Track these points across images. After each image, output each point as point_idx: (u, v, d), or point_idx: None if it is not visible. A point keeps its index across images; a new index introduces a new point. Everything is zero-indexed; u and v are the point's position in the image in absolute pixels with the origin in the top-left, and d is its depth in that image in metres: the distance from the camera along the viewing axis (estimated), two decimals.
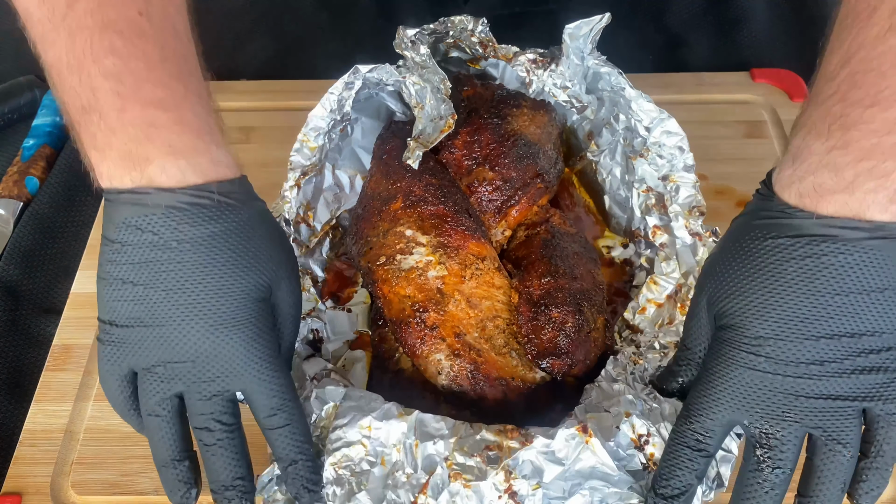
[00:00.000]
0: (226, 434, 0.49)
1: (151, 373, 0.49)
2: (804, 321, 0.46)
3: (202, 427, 0.49)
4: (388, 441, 0.51)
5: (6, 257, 0.74)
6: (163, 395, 0.49)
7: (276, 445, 0.50)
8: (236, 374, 0.49)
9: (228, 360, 0.49)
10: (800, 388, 0.47)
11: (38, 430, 0.62)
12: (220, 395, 0.49)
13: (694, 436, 0.48)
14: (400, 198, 0.62)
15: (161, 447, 0.50)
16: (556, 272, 0.59)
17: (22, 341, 0.69)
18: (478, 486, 0.48)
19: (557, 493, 0.49)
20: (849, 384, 0.46)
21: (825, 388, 0.46)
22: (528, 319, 0.58)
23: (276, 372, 0.50)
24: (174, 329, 0.48)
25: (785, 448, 0.47)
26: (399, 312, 0.59)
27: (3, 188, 0.80)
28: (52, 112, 0.86)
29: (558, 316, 0.57)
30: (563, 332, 0.57)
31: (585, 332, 0.57)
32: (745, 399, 0.48)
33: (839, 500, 0.48)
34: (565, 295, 0.58)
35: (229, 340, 0.49)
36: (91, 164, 0.48)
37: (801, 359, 0.46)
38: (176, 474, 0.50)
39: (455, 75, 0.74)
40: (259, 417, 0.50)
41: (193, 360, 0.48)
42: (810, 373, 0.46)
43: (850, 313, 0.46)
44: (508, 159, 0.64)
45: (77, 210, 0.79)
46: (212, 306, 0.48)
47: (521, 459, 0.49)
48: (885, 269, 0.45)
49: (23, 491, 0.58)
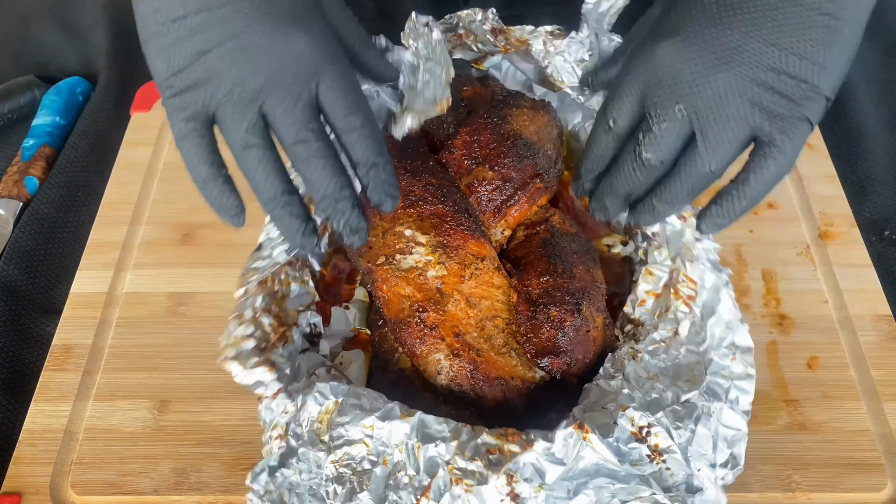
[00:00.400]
0: (321, 141, 0.47)
1: (231, 99, 0.46)
2: (726, 9, 0.46)
3: (296, 141, 0.47)
4: (391, 441, 0.51)
5: (6, 257, 0.74)
6: (251, 117, 0.46)
7: (354, 149, 0.48)
8: (314, 72, 0.47)
9: (304, 59, 0.47)
10: (698, 80, 0.46)
11: (37, 430, 0.62)
12: (304, 102, 0.47)
13: (606, 109, 0.50)
14: (400, 197, 0.62)
15: (267, 180, 0.47)
16: (554, 271, 0.59)
17: (22, 341, 0.69)
18: (479, 491, 0.48)
19: (562, 494, 0.49)
20: (749, 93, 0.46)
21: (720, 89, 0.46)
22: (526, 318, 0.58)
23: (349, 69, 0.49)
24: (243, 40, 0.46)
25: (666, 135, 0.47)
26: (398, 312, 0.59)
27: (2, 188, 0.80)
28: (52, 112, 0.86)
29: (557, 315, 0.57)
30: (562, 331, 0.57)
31: (584, 331, 0.57)
32: (649, 80, 0.48)
33: (681, 202, 0.49)
34: (564, 294, 0.58)
35: (299, 34, 0.47)
36: None
37: (709, 49, 0.46)
38: (291, 210, 0.48)
39: (456, 75, 0.73)
40: (336, 120, 0.48)
41: (271, 67, 0.46)
42: (718, 68, 0.46)
43: (776, 19, 0.45)
44: (508, 159, 0.64)
45: (77, 210, 0.79)
46: (280, 7, 0.47)
47: (523, 463, 0.49)
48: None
49: (22, 491, 0.58)
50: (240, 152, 0.47)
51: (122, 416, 0.62)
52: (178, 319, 0.68)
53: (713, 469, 0.49)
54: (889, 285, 0.71)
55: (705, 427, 0.51)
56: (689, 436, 0.50)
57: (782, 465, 0.58)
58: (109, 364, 0.65)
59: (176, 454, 0.60)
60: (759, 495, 0.57)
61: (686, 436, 0.50)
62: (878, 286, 0.69)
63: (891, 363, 0.64)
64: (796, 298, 0.68)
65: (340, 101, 0.48)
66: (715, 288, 0.57)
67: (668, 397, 0.52)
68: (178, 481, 0.58)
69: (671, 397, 0.52)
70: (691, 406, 0.52)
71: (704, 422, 0.51)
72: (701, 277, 0.57)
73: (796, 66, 0.45)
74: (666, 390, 0.53)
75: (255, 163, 0.47)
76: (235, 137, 0.47)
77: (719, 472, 0.49)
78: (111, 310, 0.69)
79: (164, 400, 0.63)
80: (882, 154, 0.84)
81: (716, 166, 0.47)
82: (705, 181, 0.48)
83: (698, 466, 0.49)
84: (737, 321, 0.55)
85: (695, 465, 0.50)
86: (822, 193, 0.76)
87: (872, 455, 0.59)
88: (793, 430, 0.60)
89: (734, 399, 0.52)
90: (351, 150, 0.49)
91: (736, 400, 0.52)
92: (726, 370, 0.53)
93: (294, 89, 0.46)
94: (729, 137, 0.46)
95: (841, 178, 0.78)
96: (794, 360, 0.64)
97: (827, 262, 0.71)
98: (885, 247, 0.76)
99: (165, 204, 0.76)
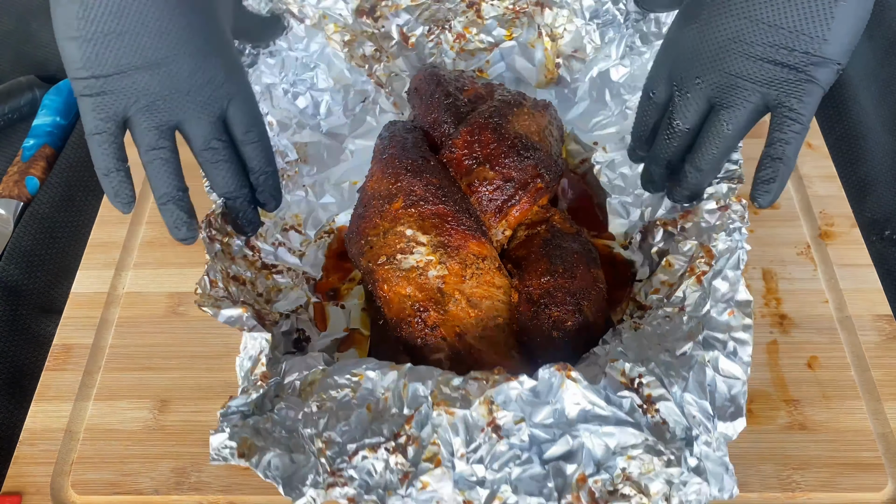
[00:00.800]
0: (227, 149, 0.58)
1: (149, 109, 0.55)
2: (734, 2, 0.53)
3: (206, 148, 0.57)
4: (377, 388, 0.50)
5: (6, 257, 0.74)
6: (165, 127, 0.55)
7: (251, 158, 0.60)
8: (227, 95, 0.58)
9: (221, 85, 0.57)
10: (714, 57, 0.54)
11: (38, 429, 0.62)
12: (216, 117, 0.57)
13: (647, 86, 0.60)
14: (401, 197, 0.62)
15: (165, 180, 0.56)
16: (556, 271, 0.59)
17: (22, 341, 0.69)
18: (460, 415, 0.47)
19: (547, 436, 0.47)
20: (752, 67, 0.53)
21: (732, 64, 0.54)
22: (528, 319, 0.58)
23: (252, 94, 0.60)
24: (170, 65, 0.55)
25: (688, 106, 0.56)
26: (399, 312, 0.59)
27: (3, 188, 0.80)
28: (52, 112, 0.86)
29: (558, 315, 0.57)
30: (563, 332, 0.57)
31: (585, 330, 0.57)
32: (674, 58, 0.57)
33: (715, 165, 0.57)
34: (565, 294, 0.58)
35: (217, 64, 0.57)
36: None
37: (721, 32, 0.54)
38: (181, 206, 0.57)
39: (457, 75, 0.74)
40: (238, 134, 0.59)
41: (189, 85, 0.56)
42: (725, 46, 0.54)
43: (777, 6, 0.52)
44: (509, 159, 0.64)
45: (77, 210, 0.79)
46: (199, 39, 0.56)
47: (505, 392, 0.47)
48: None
49: (23, 491, 0.58)
50: (146, 152, 0.56)
51: (123, 415, 0.62)
52: (178, 319, 0.68)
53: (711, 420, 0.47)
54: (889, 285, 0.71)
55: (700, 376, 0.49)
56: (682, 384, 0.48)
57: (782, 465, 0.58)
58: (110, 364, 0.65)
59: (176, 454, 0.60)
60: (759, 495, 0.57)
61: (680, 384, 0.48)
62: (879, 286, 0.69)
63: (891, 363, 0.64)
64: (796, 298, 0.68)
65: (244, 119, 0.59)
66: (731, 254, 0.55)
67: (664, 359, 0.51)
68: (179, 481, 0.58)
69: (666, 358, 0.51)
70: (685, 357, 0.50)
71: (699, 371, 0.49)
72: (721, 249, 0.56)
73: (796, 42, 0.52)
74: (661, 350, 0.51)
75: (160, 164, 0.56)
76: (146, 140, 0.55)
77: (720, 425, 0.47)
78: (111, 310, 0.69)
79: (164, 400, 0.63)
80: (882, 154, 0.84)
81: (732, 127, 0.55)
82: (726, 143, 0.55)
83: (694, 414, 0.48)
84: (738, 279, 0.54)
85: (690, 414, 0.48)
86: (823, 193, 0.76)
87: (872, 455, 0.59)
88: (793, 429, 0.60)
89: (732, 350, 0.50)
90: (248, 158, 0.60)
91: (734, 351, 0.50)
92: (724, 324, 0.52)
93: (209, 108, 0.57)
94: (741, 103, 0.54)
95: (841, 178, 0.78)
96: (794, 360, 0.64)
97: (827, 261, 0.71)
98: (885, 247, 0.76)
99: None
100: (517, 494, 0.46)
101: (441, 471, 0.46)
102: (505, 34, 0.80)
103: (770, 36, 0.52)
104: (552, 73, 0.81)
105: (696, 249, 0.59)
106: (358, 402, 0.50)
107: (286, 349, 0.59)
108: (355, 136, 0.78)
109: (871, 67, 0.92)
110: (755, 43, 0.53)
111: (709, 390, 0.48)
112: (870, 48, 0.93)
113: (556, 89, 0.82)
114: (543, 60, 0.81)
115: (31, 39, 0.97)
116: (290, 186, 0.72)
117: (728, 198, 0.59)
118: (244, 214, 0.61)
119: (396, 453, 0.47)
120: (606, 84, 0.79)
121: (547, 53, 0.80)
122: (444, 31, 0.80)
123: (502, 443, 0.46)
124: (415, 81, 0.73)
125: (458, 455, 0.47)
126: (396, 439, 0.47)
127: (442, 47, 0.80)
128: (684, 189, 0.59)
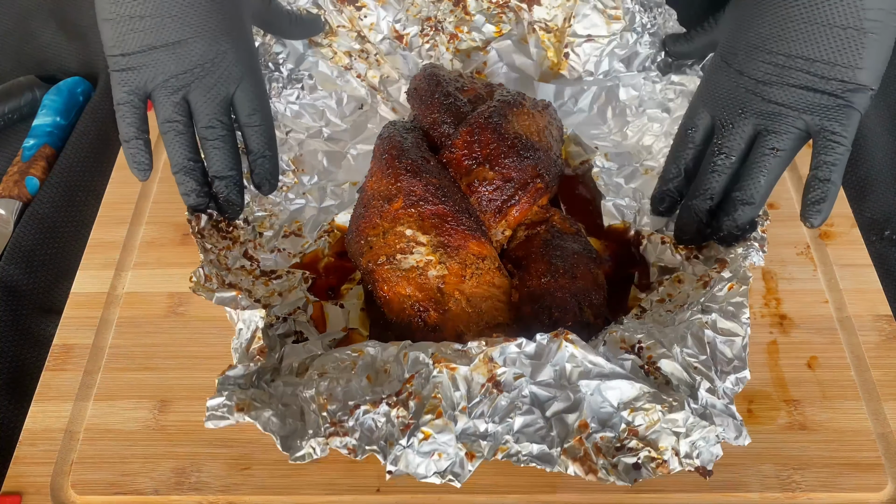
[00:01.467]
0: (226, 131, 0.62)
1: (166, 85, 0.61)
2: (769, 39, 0.57)
3: (207, 126, 0.62)
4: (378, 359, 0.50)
5: (6, 257, 0.74)
6: (178, 100, 0.61)
7: (250, 140, 0.64)
8: (233, 77, 0.62)
9: (229, 67, 0.62)
10: (755, 90, 0.58)
11: (38, 429, 0.62)
12: (221, 98, 0.62)
13: (684, 125, 0.63)
14: (400, 198, 0.62)
15: (180, 150, 0.62)
16: (556, 272, 0.59)
17: (22, 341, 0.69)
18: (461, 371, 0.47)
19: (548, 394, 0.47)
20: (794, 95, 0.57)
21: (774, 94, 0.57)
22: (528, 318, 0.58)
23: (261, 79, 0.64)
24: (185, 45, 0.61)
25: (733, 137, 0.59)
26: (399, 312, 0.59)
27: (3, 188, 0.80)
28: (52, 112, 0.86)
29: (559, 315, 0.57)
30: None
31: (585, 331, 0.57)
32: (714, 96, 0.61)
33: (764, 192, 0.59)
34: (565, 294, 0.58)
35: (228, 49, 0.62)
36: None
37: (761, 69, 0.58)
38: (194, 176, 0.62)
39: (456, 75, 0.74)
40: (242, 117, 0.63)
41: (201, 66, 0.61)
42: (766, 79, 0.58)
43: (810, 40, 0.56)
44: (509, 159, 0.64)
45: (77, 210, 0.79)
46: (215, 23, 0.61)
47: (505, 351, 0.48)
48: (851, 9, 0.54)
49: (23, 491, 0.58)
50: (163, 125, 0.62)
51: (123, 415, 0.62)
52: (178, 319, 0.68)
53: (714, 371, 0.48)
54: (889, 285, 0.71)
55: (700, 334, 0.49)
56: (683, 343, 0.49)
57: (782, 465, 0.58)
58: (110, 364, 0.65)
59: (176, 454, 0.60)
60: (759, 495, 0.57)
61: (680, 344, 0.49)
62: (879, 286, 0.69)
63: (891, 363, 0.64)
64: (796, 298, 0.68)
65: (248, 103, 0.63)
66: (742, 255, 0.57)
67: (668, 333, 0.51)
68: (179, 481, 0.58)
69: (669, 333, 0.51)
70: (684, 324, 0.51)
71: (698, 331, 0.50)
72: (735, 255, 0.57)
73: (832, 72, 0.56)
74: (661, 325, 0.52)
75: (173, 135, 0.62)
76: (163, 112, 0.62)
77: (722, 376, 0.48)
78: (111, 310, 0.69)
79: (164, 400, 0.63)
80: (882, 154, 0.84)
81: (780, 153, 0.57)
82: (774, 171, 0.58)
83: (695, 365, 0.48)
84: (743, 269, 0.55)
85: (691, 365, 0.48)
86: None
87: (872, 455, 0.59)
88: (793, 429, 0.60)
89: (731, 312, 0.51)
90: (248, 141, 0.65)
91: (733, 313, 0.51)
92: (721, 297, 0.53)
93: (216, 89, 0.62)
94: (787, 129, 0.57)
95: None
96: (794, 360, 0.64)
97: (827, 262, 0.71)
98: (885, 247, 0.76)
99: (165, 204, 0.76)
100: (519, 444, 0.46)
101: (442, 421, 0.47)
102: (494, 30, 0.80)
103: (808, 67, 0.56)
104: (556, 64, 0.81)
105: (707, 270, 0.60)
106: (358, 371, 0.50)
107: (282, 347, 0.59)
108: (356, 141, 0.79)
109: None
110: (794, 75, 0.57)
111: (709, 348, 0.49)
112: None
113: (557, 90, 0.82)
114: (542, 54, 0.81)
115: (31, 39, 0.97)
116: (291, 196, 0.72)
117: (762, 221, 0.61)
118: (227, 195, 0.64)
119: (398, 407, 0.47)
120: (612, 100, 0.79)
121: (545, 45, 0.80)
122: (438, 32, 0.80)
123: (503, 396, 0.47)
124: (414, 82, 0.73)
125: (459, 408, 0.47)
126: (398, 396, 0.48)
127: (438, 49, 0.81)
128: (735, 222, 0.60)
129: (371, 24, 0.79)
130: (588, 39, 0.78)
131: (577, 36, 0.79)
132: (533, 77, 0.82)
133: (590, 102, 0.80)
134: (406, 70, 0.81)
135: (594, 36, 0.78)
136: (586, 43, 0.79)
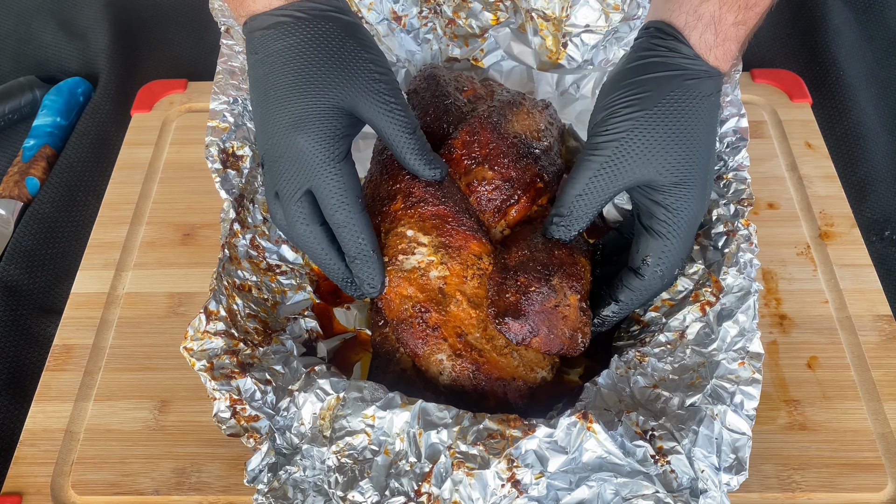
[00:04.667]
0: (307, 228, 0.56)
1: (265, 173, 0.57)
2: (628, 131, 0.55)
3: (287, 226, 0.57)
4: (392, 430, 0.51)
5: (6, 257, 0.74)
6: (273, 192, 0.57)
7: (341, 242, 0.57)
8: (307, 175, 0.54)
9: (299, 158, 0.54)
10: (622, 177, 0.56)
11: (38, 430, 0.62)
12: (301, 194, 0.55)
13: (557, 209, 0.59)
14: (400, 198, 0.62)
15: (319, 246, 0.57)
16: (534, 247, 0.59)
17: (22, 341, 0.69)
18: (480, 475, 0.48)
19: (563, 484, 0.48)
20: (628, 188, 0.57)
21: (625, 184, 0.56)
22: (495, 283, 0.58)
23: (340, 171, 0.55)
24: (264, 133, 0.56)
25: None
26: (400, 313, 0.59)
27: (3, 188, 0.80)
28: (52, 112, 0.86)
29: (524, 280, 0.57)
30: (526, 296, 0.56)
31: (552, 303, 0.56)
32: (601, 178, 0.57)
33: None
34: (536, 264, 0.58)
35: (298, 140, 0.54)
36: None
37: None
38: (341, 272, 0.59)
39: (456, 75, 0.74)
40: (326, 216, 0.56)
41: (279, 159, 0.55)
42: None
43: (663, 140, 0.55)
44: (508, 159, 0.64)
45: (77, 210, 0.79)
46: (286, 109, 0.54)
47: (524, 449, 0.49)
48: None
49: (23, 491, 0.58)
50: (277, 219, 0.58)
51: (123, 416, 0.62)
52: (178, 319, 0.68)
53: (717, 472, 0.49)
54: (889, 285, 0.71)
55: (709, 430, 0.51)
56: (692, 437, 0.50)
57: (782, 465, 0.58)
58: (110, 364, 0.65)
59: (176, 454, 0.60)
60: (759, 495, 0.57)
61: (690, 437, 0.50)
62: (879, 286, 0.69)
63: (891, 363, 0.64)
64: (796, 298, 0.68)
65: (325, 201, 0.55)
66: (743, 294, 0.56)
67: (674, 403, 0.52)
68: (179, 481, 0.58)
69: (676, 403, 0.52)
70: (695, 409, 0.52)
71: (708, 424, 0.51)
72: (731, 284, 0.57)
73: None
74: (672, 397, 0.53)
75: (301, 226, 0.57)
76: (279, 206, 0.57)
77: (723, 476, 0.49)
78: (111, 310, 0.69)
79: (164, 400, 0.63)
80: (882, 154, 0.84)
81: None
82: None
83: (702, 468, 0.49)
84: (753, 329, 0.55)
85: (699, 468, 0.49)
86: (822, 193, 0.76)
87: (872, 455, 0.59)
88: (793, 430, 0.60)
89: (738, 403, 0.52)
90: (339, 242, 0.57)
91: (741, 404, 0.52)
92: (734, 374, 0.53)
93: (291, 184, 0.55)
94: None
95: (841, 178, 0.78)
96: (794, 360, 0.64)
97: (827, 262, 0.71)
98: (885, 247, 0.76)
99: (165, 204, 0.76)
100: None
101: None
102: (491, 18, 0.80)
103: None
104: (555, 53, 0.81)
105: (703, 275, 0.60)
106: (374, 445, 0.51)
107: (298, 352, 0.59)
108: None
109: (871, 68, 0.92)
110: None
111: (716, 444, 0.50)
112: (870, 49, 0.93)
113: (560, 77, 0.81)
114: (541, 42, 0.81)
115: (31, 39, 0.97)
116: None
117: (737, 220, 0.60)
118: (347, 288, 0.60)
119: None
120: None
121: (544, 34, 0.80)
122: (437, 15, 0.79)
123: (522, 498, 0.48)
124: (414, 82, 0.73)
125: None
126: (417, 498, 0.49)
127: (437, 32, 0.80)
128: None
129: (370, 4, 0.78)
130: (586, 30, 0.78)
131: (575, 26, 0.78)
132: (532, 66, 0.82)
133: (592, 88, 0.80)
134: (402, 54, 0.81)
135: (592, 26, 0.78)
136: (584, 33, 0.79)
